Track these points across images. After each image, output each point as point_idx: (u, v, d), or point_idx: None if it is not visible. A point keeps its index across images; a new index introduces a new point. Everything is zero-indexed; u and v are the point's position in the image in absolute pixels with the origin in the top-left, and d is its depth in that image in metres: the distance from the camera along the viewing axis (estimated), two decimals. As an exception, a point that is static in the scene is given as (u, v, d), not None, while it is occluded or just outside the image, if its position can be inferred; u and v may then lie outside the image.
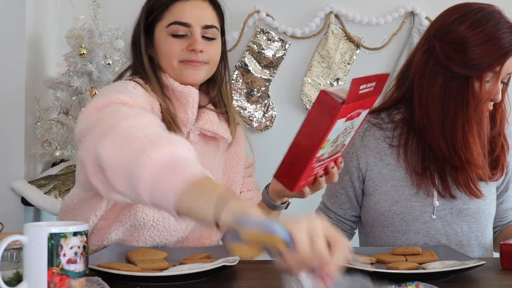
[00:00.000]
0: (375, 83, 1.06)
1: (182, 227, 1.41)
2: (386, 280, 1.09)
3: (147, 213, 1.35)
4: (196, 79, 1.41)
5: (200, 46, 1.38)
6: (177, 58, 1.40)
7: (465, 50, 1.35)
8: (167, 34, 1.40)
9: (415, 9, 2.39)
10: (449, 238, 1.46)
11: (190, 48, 1.39)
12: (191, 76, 1.40)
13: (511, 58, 1.35)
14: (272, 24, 2.37)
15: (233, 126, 1.49)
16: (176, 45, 1.39)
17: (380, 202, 1.48)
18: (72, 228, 0.96)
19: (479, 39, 1.34)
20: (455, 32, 1.37)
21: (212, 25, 1.43)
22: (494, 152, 1.47)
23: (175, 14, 1.40)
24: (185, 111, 1.39)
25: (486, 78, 1.36)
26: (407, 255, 1.29)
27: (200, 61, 1.40)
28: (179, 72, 1.40)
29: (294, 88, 2.36)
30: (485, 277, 1.18)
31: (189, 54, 1.39)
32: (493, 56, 1.34)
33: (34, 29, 2.33)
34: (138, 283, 1.09)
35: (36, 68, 2.35)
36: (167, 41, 1.40)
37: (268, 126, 2.35)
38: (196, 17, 1.40)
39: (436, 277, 1.15)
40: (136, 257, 1.26)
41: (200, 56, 1.39)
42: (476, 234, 1.48)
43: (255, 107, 2.35)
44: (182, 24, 1.39)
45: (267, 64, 2.36)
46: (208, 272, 1.13)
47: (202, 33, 1.41)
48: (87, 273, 0.98)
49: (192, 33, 1.40)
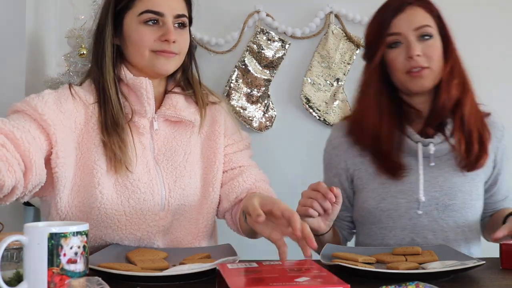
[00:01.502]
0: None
1: (160, 215, 1.40)
2: (386, 280, 1.09)
3: (108, 212, 1.36)
4: (168, 70, 1.41)
5: (174, 36, 1.37)
6: (149, 48, 1.38)
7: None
8: (139, 22, 1.38)
9: (415, 9, 2.40)
10: (436, 234, 1.47)
11: (163, 38, 1.38)
12: (163, 67, 1.39)
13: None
14: (272, 24, 2.37)
15: (202, 107, 1.48)
16: (148, 34, 1.38)
17: (367, 200, 1.50)
18: (72, 228, 0.96)
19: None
20: None
21: (183, 14, 1.42)
22: (469, 134, 1.47)
23: (147, 3, 1.38)
24: (141, 103, 1.39)
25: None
26: (407, 255, 1.29)
27: (173, 52, 1.39)
28: (150, 63, 1.39)
29: (294, 88, 2.36)
30: (485, 277, 1.18)
31: (161, 44, 1.38)
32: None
33: (34, 29, 2.33)
34: (138, 283, 1.09)
35: (36, 68, 2.35)
36: (138, 29, 1.38)
37: (268, 126, 2.35)
38: (169, 6, 1.39)
39: (436, 277, 1.15)
40: (136, 257, 1.26)
41: (173, 46, 1.39)
42: (463, 229, 1.48)
43: (255, 107, 2.35)
44: (154, 12, 1.38)
45: (267, 64, 2.36)
46: (208, 272, 1.13)
47: (174, 22, 1.40)
48: (87, 273, 0.98)
49: (164, 23, 1.38)
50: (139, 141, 1.40)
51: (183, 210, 1.42)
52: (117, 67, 1.42)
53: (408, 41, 1.43)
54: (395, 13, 1.44)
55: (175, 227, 1.43)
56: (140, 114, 1.40)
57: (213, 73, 2.34)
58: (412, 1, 1.45)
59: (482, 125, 1.49)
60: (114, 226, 1.37)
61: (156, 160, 1.42)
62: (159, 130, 1.43)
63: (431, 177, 1.47)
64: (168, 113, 1.43)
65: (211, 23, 2.34)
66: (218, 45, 2.37)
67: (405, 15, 1.44)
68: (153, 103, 1.40)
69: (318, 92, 2.32)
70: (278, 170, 2.22)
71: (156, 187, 1.40)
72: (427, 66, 1.43)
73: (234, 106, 2.33)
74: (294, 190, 1.76)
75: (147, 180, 1.39)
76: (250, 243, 1.94)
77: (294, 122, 2.30)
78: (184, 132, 1.46)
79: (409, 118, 1.51)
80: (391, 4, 1.47)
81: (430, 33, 1.44)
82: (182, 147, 1.45)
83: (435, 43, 1.45)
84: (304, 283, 0.87)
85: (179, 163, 1.43)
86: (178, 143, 1.45)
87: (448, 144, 1.47)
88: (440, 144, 1.48)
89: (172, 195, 1.41)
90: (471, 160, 1.46)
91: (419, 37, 1.44)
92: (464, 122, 1.46)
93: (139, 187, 1.37)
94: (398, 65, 1.45)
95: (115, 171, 1.35)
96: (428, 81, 1.45)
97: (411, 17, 1.44)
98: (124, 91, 1.42)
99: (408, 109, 1.51)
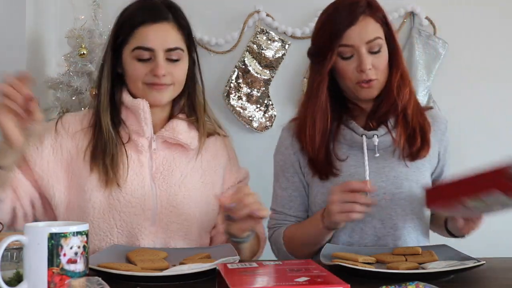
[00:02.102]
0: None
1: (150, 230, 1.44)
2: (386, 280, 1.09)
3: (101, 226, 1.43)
4: (161, 101, 1.48)
5: (162, 71, 1.44)
6: (141, 81, 1.47)
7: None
8: (132, 58, 1.46)
9: (415, 9, 2.39)
10: (384, 222, 1.48)
11: (153, 73, 1.45)
12: (156, 98, 1.47)
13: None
14: (272, 24, 2.37)
15: (202, 134, 1.54)
16: (140, 69, 1.46)
17: (317, 195, 1.52)
18: (72, 228, 0.96)
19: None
20: None
21: (176, 47, 1.47)
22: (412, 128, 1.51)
23: (139, 39, 1.46)
24: (139, 123, 1.47)
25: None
26: (407, 255, 1.30)
27: (164, 84, 1.46)
28: (144, 94, 1.48)
29: (294, 88, 2.36)
30: (485, 277, 1.18)
31: (152, 77, 1.46)
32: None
33: (34, 29, 2.33)
34: (138, 283, 1.09)
35: (36, 68, 2.35)
36: (131, 64, 1.47)
37: (268, 126, 2.35)
38: (159, 41, 1.45)
39: (436, 277, 1.15)
40: (136, 257, 1.26)
41: (163, 79, 1.46)
42: (412, 217, 1.49)
43: (255, 107, 2.35)
44: (145, 49, 1.45)
45: (267, 64, 2.36)
46: (208, 272, 1.13)
47: (166, 56, 1.46)
48: (87, 273, 0.98)
49: (155, 57, 1.45)
50: (137, 158, 1.48)
51: (175, 227, 1.46)
52: (118, 92, 1.51)
53: (360, 54, 1.45)
54: (348, 25, 1.45)
55: (163, 213, 1.46)
56: (138, 134, 1.48)
57: (213, 73, 2.34)
58: (363, 10, 1.46)
59: (423, 119, 1.53)
60: (107, 238, 1.43)
61: (153, 178, 1.48)
62: (157, 150, 1.50)
63: (377, 168, 1.49)
64: (166, 134, 1.50)
65: (211, 23, 2.34)
66: (218, 45, 2.37)
67: (357, 27, 1.45)
68: (150, 123, 1.48)
69: (318, 92, 2.33)
70: (278, 170, 2.22)
71: (148, 202, 1.45)
72: (376, 78, 1.47)
73: (234, 106, 2.33)
74: (294, 190, 1.76)
75: (140, 195, 1.45)
76: (250, 243, 1.93)
77: (294, 122, 2.30)
78: (184, 156, 1.53)
79: (353, 114, 1.55)
80: (342, 12, 1.47)
81: (380, 45, 1.47)
82: (180, 168, 1.50)
83: (383, 54, 1.48)
84: (304, 283, 0.88)
85: (174, 182, 1.48)
86: (177, 164, 1.51)
87: (391, 136, 1.50)
88: (384, 136, 1.51)
89: (163, 212, 1.46)
90: (412, 151, 1.50)
91: (369, 50, 1.46)
92: (407, 119, 1.51)
93: (131, 202, 1.44)
94: (348, 75, 1.48)
95: (106, 187, 1.44)
96: (376, 90, 1.50)
97: (363, 30, 1.45)
98: (123, 114, 1.50)
99: (352, 106, 1.55)
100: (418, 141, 1.50)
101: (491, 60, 2.32)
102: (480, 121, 2.34)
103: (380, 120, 1.52)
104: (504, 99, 2.32)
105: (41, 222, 1.05)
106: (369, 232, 1.48)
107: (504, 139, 2.31)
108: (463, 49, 2.31)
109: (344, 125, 1.53)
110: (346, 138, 1.52)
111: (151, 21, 1.46)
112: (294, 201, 1.57)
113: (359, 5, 1.46)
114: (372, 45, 1.46)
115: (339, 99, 1.55)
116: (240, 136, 2.25)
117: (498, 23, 2.32)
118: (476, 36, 2.31)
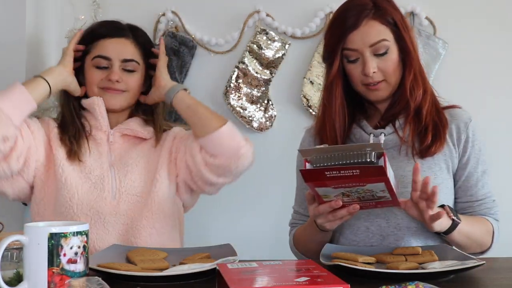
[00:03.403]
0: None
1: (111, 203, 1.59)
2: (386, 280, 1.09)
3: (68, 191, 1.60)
4: (115, 104, 1.68)
5: (116, 76, 1.65)
6: (97, 85, 1.67)
7: None
8: (92, 65, 1.68)
9: (415, 9, 2.39)
10: (389, 221, 1.47)
11: (108, 78, 1.66)
12: (110, 101, 1.67)
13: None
14: (272, 24, 2.37)
15: (158, 131, 1.72)
16: (97, 75, 1.67)
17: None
18: (73, 228, 0.97)
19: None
20: None
21: (132, 59, 1.69)
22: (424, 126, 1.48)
23: (99, 49, 1.68)
24: (95, 118, 1.67)
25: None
26: (407, 255, 1.29)
27: (117, 89, 1.66)
28: (100, 97, 1.67)
29: (294, 88, 2.36)
30: (485, 277, 1.18)
31: (107, 82, 1.66)
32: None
33: (34, 29, 2.33)
34: (138, 283, 1.09)
35: (36, 68, 2.34)
36: (90, 71, 1.68)
37: (268, 126, 2.35)
38: (116, 52, 1.67)
39: (436, 277, 1.15)
40: (136, 257, 1.26)
41: (117, 85, 1.66)
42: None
43: (255, 107, 2.35)
44: (103, 57, 1.67)
45: (267, 64, 2.36)
46: (208, 272, 1.13)
47: (122, 66, 1.67)
48: (87, 273, 0.98)
49: (111, 66, 1.67)
50: (96, 149, 1.67)
51: (134, 199, 1.62)
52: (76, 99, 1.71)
53: (364, 57, 1.45)
54: (352, 29, 1.44)
55: (128, 212, 1.61)
56: (96, 128, 1.67)
57: (213, 73, 2.34)
58: (367, 13, 1.45)
59: (439, 117, 1.50)
60: (70, 202, 1.58)
61: (111, 164, 1.66)
62: (114, 142, 1.67)
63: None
64: (122, 127, 1.69)
65: (211, 23, 2.34)
66: (218, 45, 2.37)
67: (360, 31, 1.44)
68: (105, 116, 1.67)
69: (318, 92, 2.32)
70: (278, 170, 2.22)
71: (107, 179, 1.63)
72: (383, 79, 1.47)
73: (234, 106, 2.33)
74: (293, 189, 1.76)
75: (99, 173, 1.63)
76: (250, 243, 1.94)
77: (294, 122, 2.29)
78: (140, 145, 1.70)
79: (368, 113, 1.56)
80: (348, 14, 1.46)
81: (386, 47, 1.45)
82: (136, 153, 1.68)
83: (390, 57, 1.46)
84: (304, 283, 0.88)
85: (130, 163, 1.65)
86: (133, 151, 1.68)
87: (397, 134, 1.49)
88: (392, 134, 1.50)
89: (123, 185, 1.62)
90: (422, 148, 1.47)
91: (374, 52, 1.45)
92: (420, 118, 1.49)
93: (90, 178, 1.62)
94: (355, 77, 1.49)
95: (71, 161, 1.63)
96: (385, 92, 1.49)
97: (366, 33, 1.44)
98: (83, 114, 1.70)
99: (368, 105, 1.56)
100: (428, 138, 1.47)
101: (491, 60, 2.31)
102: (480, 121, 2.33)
103: (389, 119, 1.51)
104: (504, 99, 2.31)
105: (41, 222, 1.05)
106: (375, 231, 1.47)
107: (504, 139, 2.30)
108: (463, 49, 2.31)
109: (356, 123, 1.54)
110: (356, 137, 1.53)
111: (112, 36, 1.69)
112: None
113: (365, 8, 1.45)
114: (377, 48, 1.45)
115: (356, 98, 1.55)
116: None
117: (498, 23, 2.32)
118: (476, 36, 2.30)
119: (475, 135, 1.53)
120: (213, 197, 1.85)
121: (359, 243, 1.48)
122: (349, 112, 1.54)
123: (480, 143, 1.53)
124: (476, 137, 1.53)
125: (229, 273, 0.95)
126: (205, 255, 1.30)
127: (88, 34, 1.72)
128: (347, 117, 1.53)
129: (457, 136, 1.52)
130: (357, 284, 1.08)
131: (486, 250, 1.50)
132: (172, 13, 2.28)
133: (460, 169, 1.52)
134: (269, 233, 2.21)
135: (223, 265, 1.02)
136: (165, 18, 2.27)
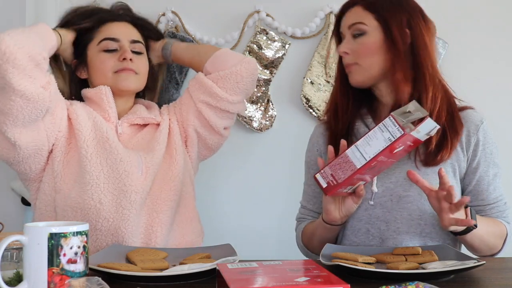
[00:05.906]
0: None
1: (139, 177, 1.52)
2: (386, 280, 1.09)
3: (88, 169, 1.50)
4: (129, 86, 1.61)
5: (130, 54, 1.60)
6: (111, 70, 1.60)
7: None
8: (99, 50, 1.61)
9: (415, 9, 2.39)
10: (388, 224, 1.46)
11: (121, 58, 1.59)
12: (125, 82, 1.59)
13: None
14: (272, 24, 2.36)
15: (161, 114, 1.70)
16: (108, 59, 1.60)
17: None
18: (72, 228, 0.97)
19: None
20: None
21: (139, 41, 1.66)
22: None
23: (104, 32, 1.62)
24: (103, 109, 1.59)
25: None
26: (407, 255, 1.29)
27: (131, 69, 1.60)
28: (113, 82, 1.60)
29: (294, 88, 2.36)
30: (485, 277, 1.18)
31: (121, 63, 1.59)
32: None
33: (34, 29, 2.33)
34: (138, 283, 1.09)
35: (36, 68, 2.34)
36: (99, 56, 1.61)
37: (268, 126, 2.35)
38: (124, 33, 1.63)
39: (436, 277, 1.15)
40: (136, 257, 1.26)
41: (131, 64, 1.60)
42: (418, 222, 1.45)
43: (255, 107, 2.35)
44: (111, 39, 1.61)
45: (267, 64, 2.36)
46: (208, 272, 1.13)
47: (131, 48, 1.62)
48: (87, 273, 0.98)
49: (121, 47, 1.61)
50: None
51: (159, 175, 1.57)
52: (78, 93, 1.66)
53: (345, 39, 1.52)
54: (341, 13, 1.54)
55: (153, 190, 1.55)
56: (104, 119, 1.59)
57: (213, 73, 2.34)
58: (357, 1, 1.51)
59: (452, 124, 1.45)
60: (92, 182, 1.48)
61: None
62: (123, 133, 1.61)
63: (388, 169, 1.45)
64: (131, 117, 1.63)
65: (211, 23, 2.34)
66: (218, 45, 2.36)
67: (346, 16, 1.52)
68: (114, 106, 1.60)
69: (318, 92, 2.32)
70: (278, 170, 2.22)
71: (133, 154, 1.55)
72: (354, 62, 1.49)
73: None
74: (294, 189, 1.76)
75: (123, 150, 1.54)
76: (250, 243, 1.93)
77: (294, 122, 2.29)
78: (150, 132, 1.65)
79: (376, 109, 1.56)
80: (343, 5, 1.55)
81: (362, 30, 1.48)
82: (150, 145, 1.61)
83: (365, 40, 1.47)
84: (304, 283, 0.88)
85: (146, 144, 1.60)
86: (146, 142, 1.62)
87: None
88: None
89: (148, 160, 1.55)
90: (426, 154, 1.44)
91: (352, 34, 1.49)
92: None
93: (115, 153, 1.53)
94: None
95: (95, 137, 1.54)
96: (359, 76, 1.49)
97: (348, 16, 1.51)
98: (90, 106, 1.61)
99: (376, 103, 1.56)
100: (432, 145, 1.43)
101: (491, 60, 2.31)
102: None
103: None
104: (504, 99, 2.31)
105: (41, 222, 1.05)
106: (375, 233, 1.47)
107: (503, 139, 2.30)
108: (463, 49, 2.31)
109: (361, 119, 1.55)
110: (359, 132, 1.53)
111: (114, 20, 1.65)
112: (318, 197, 1.59)
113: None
114: (353, 29, 1.49)
115: (367, 94, 1.55)
116: (240, 136, 2.25)
117: (498, 23, 2.32)
118: (476, 36, 2.30)
119: (486, 137, 1.49)
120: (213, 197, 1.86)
121: (359, 244, 1.48)
122: (356, 105, 1.55)
123: (492, 146, 1.50)
124: (488, 140, 1.49)
125: (229, 273, 0.95)
126: (205, 255, 1.30)
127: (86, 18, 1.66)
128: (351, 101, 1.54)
129: (467, 139, 1.48)
130: (357, 284, 1.08)
131: (496, 253, 1.47)
132: (172, 13, 2.28)
133: (471, 173, 1.49)
134: (270, 233, 2.21)
135: (223, 265, 1.02)
136: (165, 18, 2.27)
